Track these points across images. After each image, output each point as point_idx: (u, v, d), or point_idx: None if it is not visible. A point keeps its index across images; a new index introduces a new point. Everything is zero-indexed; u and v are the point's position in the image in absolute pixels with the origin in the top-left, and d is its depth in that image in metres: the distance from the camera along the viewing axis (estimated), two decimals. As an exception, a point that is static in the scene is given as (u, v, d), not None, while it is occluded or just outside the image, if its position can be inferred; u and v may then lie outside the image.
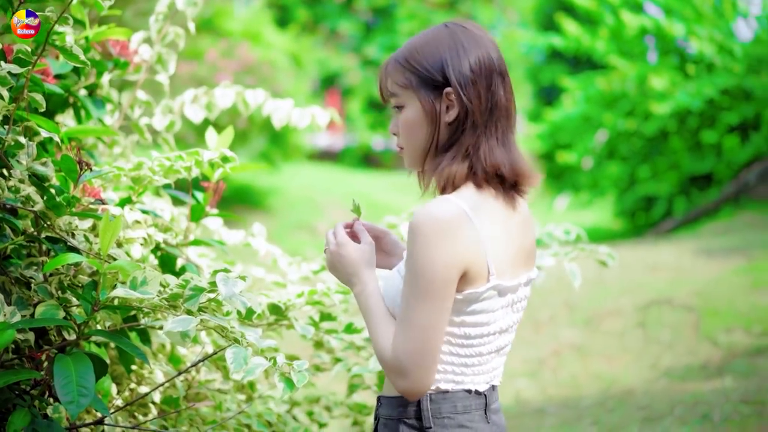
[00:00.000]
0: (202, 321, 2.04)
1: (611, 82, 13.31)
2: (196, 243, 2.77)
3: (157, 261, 2.68)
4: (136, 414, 2.63)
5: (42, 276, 2.26)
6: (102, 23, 2.81)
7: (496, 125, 2.03)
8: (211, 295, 2.08)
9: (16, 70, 2.21)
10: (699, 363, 6.12)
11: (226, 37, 12.70)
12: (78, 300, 2.19)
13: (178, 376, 2.52)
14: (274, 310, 2.67)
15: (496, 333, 2.05)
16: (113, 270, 2.08)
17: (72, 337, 2.23)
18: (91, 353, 2.24)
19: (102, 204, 2.37)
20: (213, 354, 2.38)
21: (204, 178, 2.75)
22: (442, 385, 2.02)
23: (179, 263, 2.75)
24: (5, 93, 2.20)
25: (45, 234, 2.25)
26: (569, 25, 13.55)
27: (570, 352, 6.72)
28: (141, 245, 2.52)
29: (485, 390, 2.07)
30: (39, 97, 2.30)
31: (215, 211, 2.82)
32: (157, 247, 2.65)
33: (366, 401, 3.10)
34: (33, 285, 2.24)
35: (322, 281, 2.93)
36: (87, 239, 2.30)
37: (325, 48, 22.44)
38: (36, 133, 2.36)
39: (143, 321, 2.25)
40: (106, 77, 2.85)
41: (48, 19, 2.23)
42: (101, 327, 2.26)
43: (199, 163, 2.53)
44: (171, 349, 2.85)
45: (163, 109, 3.05)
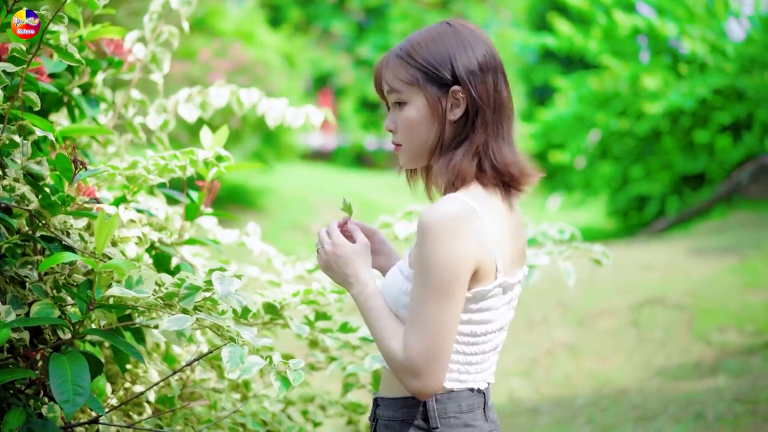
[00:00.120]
0: (197, 320, 2.04)
1: (604, 81, 13.33)
2: (190, 242, 2.77)
3: (152, 260, 2.68)
4: (130, 413, 2.63)
5: (37, 275, 2.26)
6: (96, 22, 2.81)
7: (502, 123, 2.03)
8: (207, 294, 2.08)
9: (11, 68, 2.21)
10: (692, 362, 6.13)
11: (218, 37, 12.68)
12: (73, 299, 2.19)
13: (172, 375, 2.52)
14: (269, 309, 2.67)
15: (496, 331, 2.05)
16: (108, 269, 2.08)
17: (67, 336, 2.23)
18: (86, 352, 2.23)
19: (97, 203, 2.37)
20: (208, 353, 2.39)
21: (198, 177, 2.75)
22: (447, 384, 2.01)
23: (174, 262, 2.74)
24: (0, 92, 2.20)
25: (40, 233, 2.25)
26: (562, 25, 13.57)
27: (563, 351, 6.73)
28: (136, 244, 2.51)
29: (485, 388, 2.07)
30: (34, 96, 2.29)
31: (210, 211, 2.82)
32: (152, 246, 2.64)
33: (361, 400, 3.10)
34: (28, 284, 2.24)
35: (316, 280, 2.93)
36: (82, 238, 2.30)
37: (318, 48, 22.41)
38: (31, 132, 2.35)
39: (138, 320, 2.24)
40: (100, 76, 2.84)
41: (43, 18, 2.23)
42: (96, 326, 2.26)
43: (194, 163, 2.53)
44: (165, 349, 2.85)
45: (158, 108, 3.05)
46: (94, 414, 2.38)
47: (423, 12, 22.27)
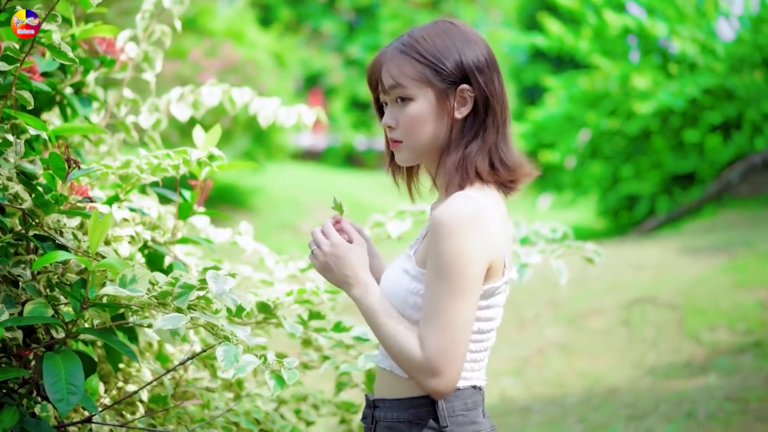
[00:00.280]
0: (192, 319, 2.04)
1: (594, 81, 13.34)
2: (183, 241, 2.77)
3: (145, 259, 2.68)
4: (123, 412, 2.63)
5: (30, 274, 2.25)
6: (88, 21, 2.80)
7: (505, 122, 2.04)
8: (201, 293, 2.08)
9: (3, 67, 2.21)
10: (683, 361, 6.15)
11: (209, 37, 12.67)
12: (66, 298, 2.18)
13: (165, 374, 2.52)
14: (262, 308, 2.67)
15: (495, 328, 2.06)
16: (102, 268, 2.08)
17: (60, 336, 2.22)
18: (80, 351, 2.23)
19: (90, 202, 2.37)
20: (201, 352, 2.38)
21: (191, 176, 2.75)
22: None
23: (167, 261, 2.74)
24: (-7, 90, 2.20)
25: (33, 232, 2.25)
26: (552, 25, 13.58)
27: (555, 350, 6.74)
28: (129, 243, 2.51)
29: (483, 385, 2.08)
30: (27, 95, 2.29)
31: (202, 210, 2.82)
32: (145, 245, 2.64)
33: (354, 399, 3.10)
34: (21, 283, 2.23)
35: (309, 280, 2.93)
36: (75, 237, 2.30)
37: (308, 48, 22.40)
38: (23, 131, 2.35)
39: (132, 319, 2.24)
40: (92, 75, 2.83)
41: (36, 16, 2.23)
42: (89, 325, 2.26)
43: (187, 162, 2.53)
44: (159, 348, 2.84)
45: (150, 108, 3.04)
46: (87, 413, 2.38)
47: (413, 12, 22.28)
